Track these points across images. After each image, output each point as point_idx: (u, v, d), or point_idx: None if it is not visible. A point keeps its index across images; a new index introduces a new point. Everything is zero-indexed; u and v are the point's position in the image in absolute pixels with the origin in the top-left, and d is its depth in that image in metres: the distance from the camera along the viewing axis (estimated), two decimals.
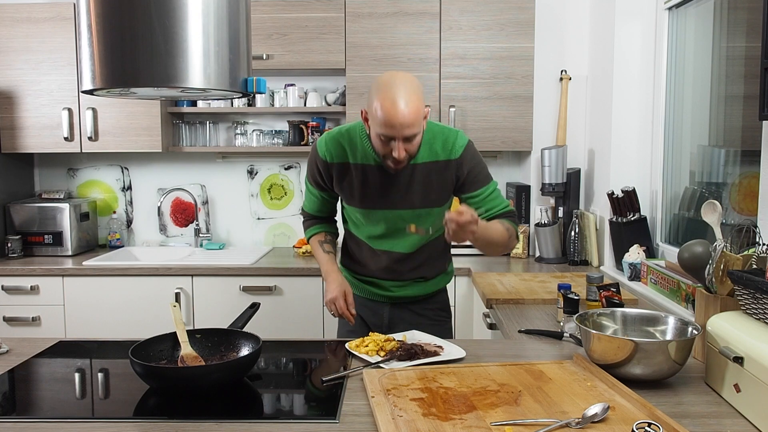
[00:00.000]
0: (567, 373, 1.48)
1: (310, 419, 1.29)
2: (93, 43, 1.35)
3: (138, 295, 3.10)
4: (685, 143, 2.69)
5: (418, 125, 1.75)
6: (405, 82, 1.73)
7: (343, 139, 1.94)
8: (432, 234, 1.96)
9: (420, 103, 1.73)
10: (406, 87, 1.72)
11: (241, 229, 3.70)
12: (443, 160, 1.91)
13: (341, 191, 2.00)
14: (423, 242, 2.02)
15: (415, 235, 1.93)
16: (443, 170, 1.92)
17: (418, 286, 2.10)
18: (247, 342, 1.60)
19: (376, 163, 1.91)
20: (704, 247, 1.67)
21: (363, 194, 1.95)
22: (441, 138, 1.91)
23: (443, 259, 2.15)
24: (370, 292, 2.12)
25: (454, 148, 1.91)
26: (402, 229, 1.97)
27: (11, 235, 3.34)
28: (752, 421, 1.25)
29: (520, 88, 3.22)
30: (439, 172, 1.92)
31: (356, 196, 1.96)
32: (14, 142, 3.32)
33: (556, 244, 3.20)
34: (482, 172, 1.96)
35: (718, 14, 2.45)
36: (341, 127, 1.98)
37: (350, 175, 1.94)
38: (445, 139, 1.91)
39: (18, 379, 1.53)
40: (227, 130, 3.63)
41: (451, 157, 1.91)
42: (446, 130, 1.94)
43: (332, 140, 1.95)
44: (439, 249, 2.10)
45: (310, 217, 2.16)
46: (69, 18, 3.24)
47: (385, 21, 3.20)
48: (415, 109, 1.71)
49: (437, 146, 1.91)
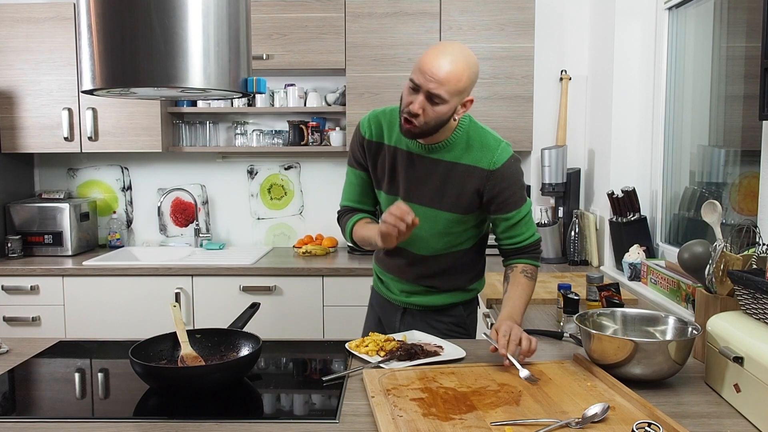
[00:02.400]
0: (567, 373, 1.48)
1: (310, 419, 1.29)
2: (93, 43, 1.35)
3: (138, 295, 3.10)
4: (685, 143, 2.69)
5: (449, 90, 1.62)
6: (461, 48, 1.65)
7: (384, 118, 1.86)
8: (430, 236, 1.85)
9: (462, 72, 1.62)
10: (459, 50, 1.64)
11: (241, 229, 3.70)
12: (474, 166, 1.77)
13: (374, 172, 1.90)
14: (443, 248, 1.88)
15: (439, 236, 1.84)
16: (472, 177, 1.77)
17: (428, 297, 1.95)
18: (247, 342, 1.60)
19: (407, 148, 1.81)
20: (704, 247, 1.67)
21: (390, 179, 1.85)
22: (481, 142, 1.78)
23: (464, 276, 1.97)
24: (386, 294, 2.04)
25: (493, 158, 1.76)
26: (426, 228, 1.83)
27: (11, 235, 3.34)
28: (752, 421, 1.25)
29: (520, 88, 3.22)
30: (464, 176, 1.78)
31: (384, 179, 1.87)
32: (14, 142, 3.32)
33: (556, 244, 3.20)
34: (516, 194, 1.79)
35: (718, 14, 2.45)
36: (387, 107, 1.90)
37: (383, 155, 1.86)
38: (484, 145, 1.78)
39: (18, 379, 1.53)
40: (227, 130, 3.63)
41: (484, 166, 1.76)
42: (490, 136, 1.81)
43: (374, 118, 1.87)
44: (460, 264, 1.93)
45: (350, 210, 1.97)
46: (69, 18, 3.24)
47: (385, 21, 3.20)
48: (455, 70, 1.61)
49: (475, 150, 1.78)
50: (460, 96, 1.66)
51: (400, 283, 1.97)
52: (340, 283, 3.06)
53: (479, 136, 1.79)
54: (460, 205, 1.80)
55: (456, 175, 1.78)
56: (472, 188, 1.77)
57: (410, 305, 1.98)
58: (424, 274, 1.92)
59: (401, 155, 1.82)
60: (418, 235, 1.84)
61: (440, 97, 1.62)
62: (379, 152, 1.86)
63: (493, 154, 1.76)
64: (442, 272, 1.92)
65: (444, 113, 1.66)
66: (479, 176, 1.76)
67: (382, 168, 1.87)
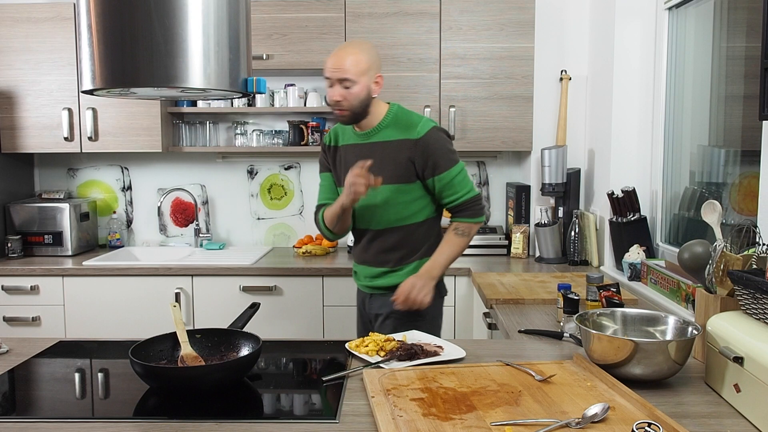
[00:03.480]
0: (567, 373, 1.48)
1: (310, 419, 1.29)
2: (93, 43, 1.35)
3: (138, 295, 3.10)
4: (685, 143, 2.69)
5: (353, 74, 1.99)
6: (356, 41, 2.07)
7: (339, 128, 2.25)
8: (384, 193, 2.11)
9: (359, 54, 2.01)
10: (354, 44, 2.05)
11: (241, 229, 3.70)
12: (402, 139, 2.09)
13: (335, 171, 2.24)
14: (394, 219, 2.14)
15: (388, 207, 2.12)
16: (401, 148, 2.08)
17: (388, 278, 2.19)
18: (247, 342, 1.60)
19: (351, 142, 2.17)
20: (704, 247, 1.67)
21: (345, 172, 2.13)
22: (406, 120, 2.11)
23: (419, 252, 2.19)
24: (358, 284, 2.32)
25: (416, 129, 2.08)
26: (377, 206, 2.13)
27: (11, 235, 3.34)
28: (752, 421, 1.25)
29: (520, 88, 3.22)
30: (397, 149, 2.09)
31: (342, 175, 2.18)
32: (14, 142, 3.32)
33: (556, 244, 3.20)
34: (445, 156, 2.09)
35: (718, 14, 2.45)
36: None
37: (339, 155, 2.21)
38: (410, 122, 2.10)
39: (18, 379, 1.53)
40: (227, 130, 3.63)
41: (410, 137, 2.08)
42: (415, 115, 2.13)
43: (333, 130, 2.26)
44: (414, 238, 2.17)
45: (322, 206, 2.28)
46: (69, 18, 3.24)
47: (385, 21, 3.20)
48: (353, 56, 2.00)
49: (401, 126, 2.10)
50: (367, 75, 2.03)
51: (366, 268, 2.24)
52: (340, 283, 3.06)
53: (405, 116, 2.13)
54: (398, 175, 2.09)
55: (389, 151, 2.10)
56: (405, 157, 2.08)
57: (375, 289, 2.23)
58: (383, 248, 2.18)
59: (348, 149, 2.19)
60: (370, 208, 2.14)
61: (349, 80, 2.00)
62: (336, 153, 2.23)
63: (417, 126, 2.09)
64: (398, 245, 2.17)
65: (360, 92, 2.03)
66: (408, 146, 2.08)
67: (339, 165, 2.21)
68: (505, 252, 3.38)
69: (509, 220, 3.47)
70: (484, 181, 3.64)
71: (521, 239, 3.31)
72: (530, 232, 3.40)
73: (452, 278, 3.02)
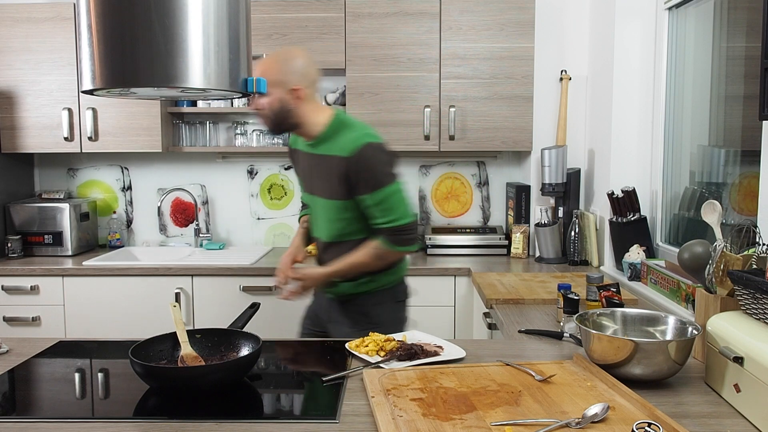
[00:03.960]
0: (567, 373, 1.48)
1: (310, 419, 1.29)
2: (93, 43, 1.35)
3: (138, 295, 3.10)
4: (685, 143, 2.70)
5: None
6: (282, 52, 2.04)
7: None
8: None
9: (270, 66, 1.98)
10: (274, 55, 2.03)
11: (241, 229, 3.70)
12: (335, 156, 2.00)
13: (296, 172, 2.28)
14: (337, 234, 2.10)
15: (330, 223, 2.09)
16: (334, 165, 2.01)
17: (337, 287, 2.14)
18: (247, 342, 1.60)
19: (301, 149, 2.16)
20: (704, 247, 1.67)
21: (301, 175, 2.22)
22: (343, 135, 2.01)
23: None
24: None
25: (349, 147, 1.97)
26: (322, 219, 2.13)
27: (11, 235, 3.34)
28: (752, 421, 1.25)
29: (520, 88, 3.22)
30: (331, 165, 2.02)
31: (299, 176, 2.25)
32: (14, 142, 3.32)
33: (556, 244, 3.20)
34: (375, 176, 1.97)
35: (718, 14, 2.45)
36: None
37: (297, 157, 2.23)
38: (345, 138, 2.00)
39: (18, 379, 1.53)
40: (227, 130, 3.63)
41: (342, 154, 1.98)
42: (352, 129, 2.02)
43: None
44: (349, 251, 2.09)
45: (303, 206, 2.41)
46: (69, 18, 3.24)
47: (385, 21, 3.20)
48: (264, 67, 1.99)
49: (338, 141, 2.01)
50: (278, 87, 1.98)
51: None
52: None
53: (346, 129, 2.03)
54: (336, 192, 2.03)
55: (327, 166, 2.04)
56: (339, 175, 2.00)
57: (328, 295, 2.21)
58: (331, 259, 2.12)
59: (300, 156, 2.19)
60: (319, 222, 2.15)
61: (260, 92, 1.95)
62: (295, 155, 2.25)
63: (351, 142, 1.98)
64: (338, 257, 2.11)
65: (271, 102, 1.99)
66: (341, 163, 1.99)
67: (297, 167, 2.25)
68: (505, 252, 3.38)
69: (509, 220, 3.47)
70: (484, 181, 3.64)
71: (521, 239, 3.31)
72: (530, 232, 3.40)
73: (452, 278, 3.02)
